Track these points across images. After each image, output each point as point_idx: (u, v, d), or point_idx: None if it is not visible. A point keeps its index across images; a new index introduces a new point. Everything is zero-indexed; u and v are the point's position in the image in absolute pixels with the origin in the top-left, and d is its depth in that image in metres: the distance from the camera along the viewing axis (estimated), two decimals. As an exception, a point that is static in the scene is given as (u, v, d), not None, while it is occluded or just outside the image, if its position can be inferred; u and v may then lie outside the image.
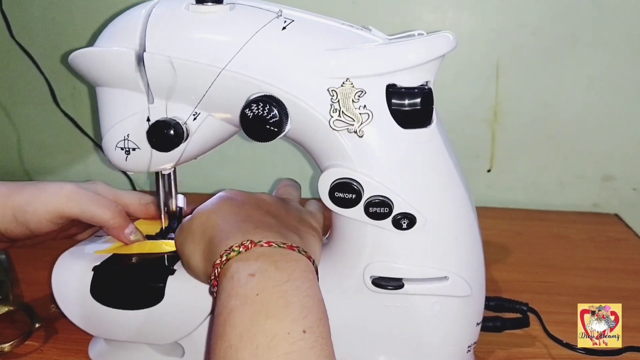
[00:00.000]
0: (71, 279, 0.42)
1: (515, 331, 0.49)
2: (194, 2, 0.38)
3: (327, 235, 0.45)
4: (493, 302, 0.50)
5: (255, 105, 0.36)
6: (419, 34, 0.38)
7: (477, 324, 0.42)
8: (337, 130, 0.37)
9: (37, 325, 0.49)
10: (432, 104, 0.37)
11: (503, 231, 0.74)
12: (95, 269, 0.42)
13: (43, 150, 0.89)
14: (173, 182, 0.45)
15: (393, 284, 0.39)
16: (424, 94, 0.37)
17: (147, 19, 0.38)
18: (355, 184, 0.37)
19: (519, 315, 0.50)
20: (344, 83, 0.36)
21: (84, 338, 0.47)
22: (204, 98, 0.38)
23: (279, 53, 0.37)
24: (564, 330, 0.50)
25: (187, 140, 0.40)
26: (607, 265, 0.65)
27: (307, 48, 0.37)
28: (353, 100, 0.36)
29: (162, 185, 0.45)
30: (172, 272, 0.41)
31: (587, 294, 0.58)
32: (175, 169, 0.44)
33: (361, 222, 0.38)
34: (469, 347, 0.42)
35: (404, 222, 0.38)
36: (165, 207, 0.46)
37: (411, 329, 0.41)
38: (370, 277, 0.40)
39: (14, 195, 0.42)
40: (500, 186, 0.84)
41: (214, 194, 0.42)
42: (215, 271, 0.33)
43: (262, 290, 0.31)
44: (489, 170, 0.83)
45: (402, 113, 0.37)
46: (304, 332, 0.29)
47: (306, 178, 0.82)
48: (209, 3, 0.37)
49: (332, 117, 0.37)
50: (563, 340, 0.48)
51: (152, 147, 0.40)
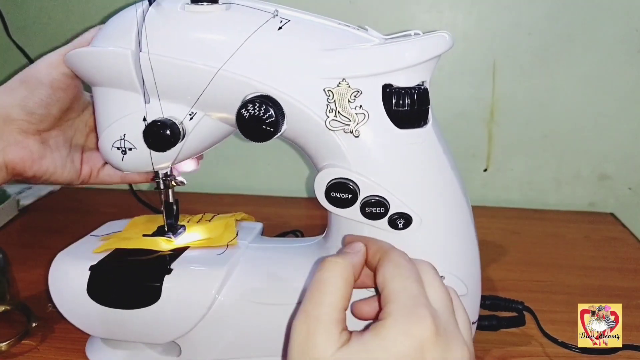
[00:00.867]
0: (68, 278, 0.42)
1: (511, 330, 0.49)
2: (189, 2, 0.38)
3: (323, 235, 0.45)
4: (489, 301, 0.50)
5: (251, 105, 0.36)
6: (415, 34, 0.38)
7: (473, 322, 0.43)
8: (333, 131, 0.37)
9: (34, 324, 0.49)
10: (428, 104, 0.37)
11: (499, 230, 0.74)
12: (92, 268, 0.42)
13: (39, 149, 0.89)
14: (170, 180, 0.45)
15: (389, 283, 0.39)
16: (420, 94, 0.37)
17: (143, 19, 0.38)
18: (351, 184, 0.38)
19: (514, 314, 0.50)
20: (340, 83, 0.36)
21: (80, 337, 0.47)
22: (200, 98, 0.38)
23: (275, 53, 0.37)
24: (560, 329, 0.50)
25: (184, 140, 0.40)
26: (603, 264, 0.65)
27: (303, 48, 0.37)
28: (349, 100, 0.36)
29: (161, 185, 0.45)
30: (169, 271, 0.41)
31: (583, 293, 0.58)
32: (172, 168, 0.44)
33: (357, 222, 0.39)
34: (464, 345, 0.42)
35: (400, 222, 0.38)
36: (165, 179, 0.45)
37: (407, 328, 0.41)
38: (367, 276, 0.40)
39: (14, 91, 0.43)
40: (496, 185, 0.84)
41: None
42: None
43: None
44: (485, 170, 0.83)
45: (398, 113, 0.37)
46: None
47: (302, 178, 0.83)
48: (205, 3, 0.37)
49: (328, 117, 0.37)
50: (559, 338, 0.49)
51: (149, 147, 0.40)
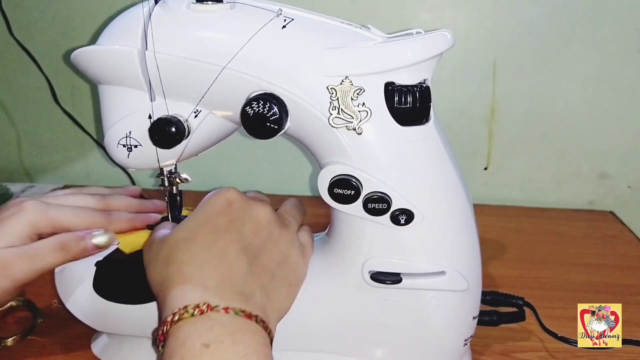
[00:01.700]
0: (74, 274, 0.43)
1: (511, 325, 0.50)
2: (194, 1, 0.38)
3: (326, 231, 0.46)
4: (489, 297, 0.51)
5: (255, 103, 0.37)
6: (417, 33, 0.39)
7: (474, 317, 0.43)
8: (336, 128, 0.37)
9: (39, 320, 0.49)
10: (430, 102, 0.38)
11: (499, 228, 0.75)
12: (97, 263, 0.42)
13: (43, 148, 0.89)
14: (174, 177, 0.46)
15: (391, 278, 0.40)
16: (422, 91, 0.37)
17: (149, 18, 0.38)
18: (354, 180, 0.38)
19: (515, 309, 0.51)
20: (342, 81, 0.37)
21: (86, 333, 0.47)
22: (205, 96, 0.39)
23: (279, 51, 0.37)
24: (560, 324, 0.50)
25: (189, 137, 0.41)
26: (602, 262, 0.66)
27: (307, 46, 0.37)
28: (352, 98, 0.37)
29: (165, 182, 0.46)
30: (174, 267, 0.42)
31: (582, 290, 0.59)
32: (176, 165, 0.45)
33: (360, 217, 0.39)
34: (465, 340, 0.43)
35: (402, 218, 0.38)
36: (169, 176, 0.46)
37: (409, 323, 0.42)
38: (369, 272, 0.40)
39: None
40: (496, 184, 0.84)
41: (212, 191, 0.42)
42: (164, 328, 0.32)
43: None
44: (485, 168, 0.84)
45: (400, 111, 0.37)
46: None
47: (305, 176, 0.83)
48: (210, 2, 0.38)
49: (331, 114, 0.37)
50: (558, 333, 0.49)
51: (154, 144, 0.40)
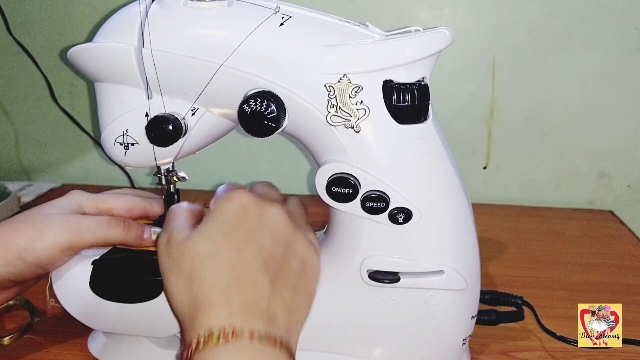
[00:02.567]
0: (70, 273, 0.42)
1: (510, 324, 0.49)
2: (192, -2, 0.38)
3: (324, 230, 0.45)
4: (488, 296, 0.51)
5: (253, 100, 0.37)
6: (415, 30, 0.38)
7: (472, 317, 0.43)
8: (334, 126, 0.37)
9: (36, 319, 0.49)
10: (428, 100, 0.38)
11: (498, 227, 0.75)
12: (94, 262, 0.42)
13: (41, 146, 0.89)
14: (172, 175, 0.45)
15: (389, 277, 0.40)
16: (420, 89, 0.37)
17: (146, 15, 0.38)
18: (352, 178, 0.38)
19: (513, 308, 0.50)
20: (340, 79, 0.37)
21: (83, 331, 0.47)
22: (202, 94, 0.39)
23: (276, 49, 0.37)
24: (558, 324, 0.50)
25: (186, 135, 0.40)
26: (602, 261, 0.66)
27: (305, 44, 0.37)
28: (350, 96, 0.37)
29: (163, 181, 0.45)
30: (171, 266, 0.41)
31: (581, 289, 0.59)
32: (173, 163, 0.45)
33: (358, 216, 0.39)
34: (464, 340, 0.43)
35: (400, 217, 0.38)
36: (167, 175, 0.46)
37: (407, 322, 0.42)
38: (367, 270, 0.40)
39: (13, 237, 0.39)
40: (495, 183, 0.84)
41: (211, 190, 0.42)
42: (188, 352, 0.32)
43: None
44: (484, 167, 0.84)
45: (399, 109, 0.37)
46: None
47: (303, 175, 0.83)
48: (207, -1, 0.38)
49: (329, 112, 0.37)
50: (557, 333, 0.49)
51: (151, 142, 0.40)
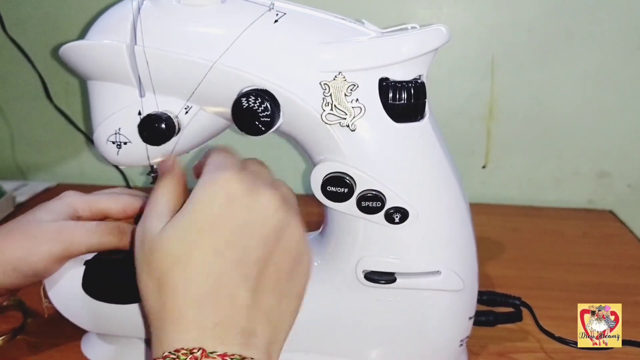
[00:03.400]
0: (63, 273, 0.42)
1: (508, 325, 0.49)
2: (185, -5, 0.37)
3: (319, 230, 0.45)
4: (486, 297, 0.50)
5: (246, 99, 0.36)
6: (412, 28, 0.38)
7: (470, 318, 0.42)
8: (330, 124, 0.37)
9: (29, 320, 0.48)
10: (425, 98, 0.37)
11: (497, 227, 0.74)
12: (86, 263, 0.42)
13: (36, 146, 0.89)
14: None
15: (385, 278, 0.39)
16: (417, 87, 0.36)
17: (138, 12, 0.38)
18: (347, 178, 0.37)
19: (511, 309, 0.50)
20: (336, 76, 0.36)
21: (76, 333, 0.46)
22: (196, 92, 0.38)
23: (270, 46, 0.37)
24: (557, 324, 0.50)
25: (179, 134, 0.40)
26: (601, 261, 0.65)
27: (299, 41, 0.37)
28: (345, 94, 0.36)
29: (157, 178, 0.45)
30: (164, 266, 0.41)
31: (581, 290, 0.58)
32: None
33: (353, 216, 0.38)
34: (461, 341, 0.42)
35: (397, 216, 0.38)
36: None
37: (403, 323, 0.41)
38: (363, 271, 0.40)
39: (8, 249, 0.39)
40: (495, 182, 0.84)
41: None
42: None
43: None
44: (483, 167, 0.83)
45: (395, 107, 0.36)
46: None
47: (298, 175, 0.82)
48: (200, -4, 0.37)
49: (324, 110, 0.36)
50: (555, 334, 0.49)
51: (144, 140, 0.39)
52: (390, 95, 0.36)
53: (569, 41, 0.75)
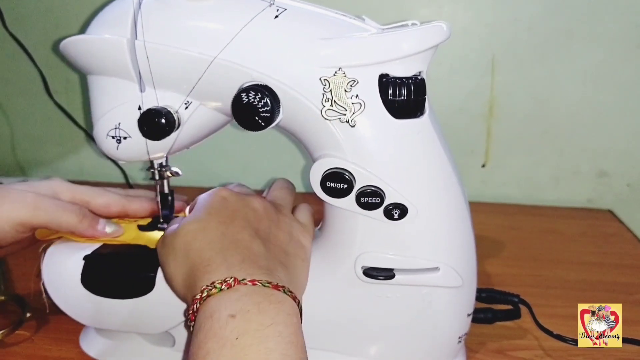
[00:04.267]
0: (62, 268, 0.42)
1: (507, 323, 0.49)
2: (186, -10, 0.37)
3: (319, 227, 0.45)
4: (484, 294, 0.50)
5: (246, 94, 0.36)
6: (412, 24, 0.38)
7: (468, 315, 0.42)
8: (329, 120, 0.37)
9: (28, 314, 0.48)
10: (425, 94, 0.37)
11: (497, 226, 0.74)
12: (86, 258, 0.41)
13: (36, 142, 0.89)
14: (165, 171, 0.45)
15: (384, 274, 0.39)
16: (417, 84, 0.36)
17: (139, 7, 0.38)
18: (347, 174, 0.37)
19: (510, 307, 0.50)
20: (336, 72, 0.36)
21: (75, 328, 0.47)
22: (196, 87, 0.38)
23: (271, 42, 0.37)
24: (556, 322, 0.50)
25: (179, 129, 0.40)
26: (600, 260, 0.65)
27: (300, 37, 0.37)
28: (345, 90, 0.36)
29: (156, 176, 0.45)
30: (163, 261, 0.41)
31: (580, 288, 0.58)
32: (167, 157, 0.44)
33: (352, 212, 0.38)
34: (459, 338, 0.42)
35: (396, 213, 0.38)
36: (159, 197, 0.46)
37: (402, 319, 0.41)
38: (362, 267, 0.40)
39: None
40: (494, 181, 0.84)
41: (207, 188, 0.41)
42: (194, 306, 0.32)
43: (242, 334, 0.29)
44: (483, 166, 0.83)
45: (395, 103, 0.36)
46: None
47: (298, 173, 0.82)
48: (201, -9, 0.37)
49: (324, 106, 0.36)
50: (554, 332, 0.49)
51: (143, 135, 0.39)
52: (390, 91, 0.36)
53: (569, 40, 0.75)
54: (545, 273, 0.61)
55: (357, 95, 0.36)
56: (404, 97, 0.36)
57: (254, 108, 0.36)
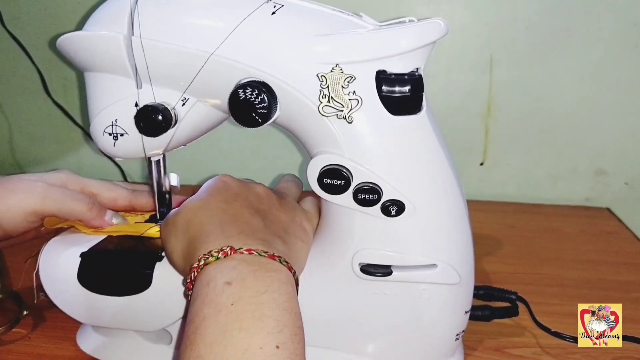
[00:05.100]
0: (59, 266, 0.42)
1: (504, 320, 0.49)
2: (182, -13, 0.37)
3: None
4: (482, 291, 0.50)
5: (243, 90, 0.36)
6: (409, 21, 0.38)
7: (466, 312, 0.42)
8: (327, 116, 0.37)
9: (25, 312, 0.48)
10: (422, 91, 0.37)
11: (495, 224, 0.74)
12: (82, 255, 0.41)
13: (34, 140, 0.89)
14: (163, 169, 0.45)
15: (381, 271, 0.39)
16: (414, 80, 0.36)
17: (136, 3, 0.37)
18: (344, 170, 0.37)
19: (508, 304, 0.50)
20: (333, 69, 0.36)
21: (72, 325, 0.47)
22: (193, 83, 0.38)
23: (268, 38, 0.37)
24: (553, 320, 0.50)
25: (176, 125, 0.40)
26: (598, 258, 0.65)
27: (297, 33, 0.37)
28: (342, 86, 0.36)
29: (154, 172, 0.45)
30: (160, 258, 0.41)
31: (578, 286, 0.58)
32: (164, 155, 0.44)
33: (350, 208, 0.38)
34: (457, 335, 0.42)
35: (393, 209, 0.38)
36: (156, 194, 0.46)
37: (399, 316, 0.41)
38: (359, 264, 0.40)
39: None
40: (492, 180, 0.84)
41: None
42: (192, 274, 0.33)
43: (238, 300, 0.30)
44: (481, 164, 0.83)
45: (392, 99, 0.36)
46: (278, 347, 0.29)
47: (296, 168, 0.82)
48: (198, -13, 0.37)
49: (321, 102, 0.36)
50: (552, 329, 0.49)
51: (140, 132, 0.39)
52: (388, 87, 0.36)
53: (567, 39, 0.75)
54: (543, 271, 0.61)
55: (354, 92, 0.36)
56: (401, 94, 0.36)
57: (251, 104, 0.36)
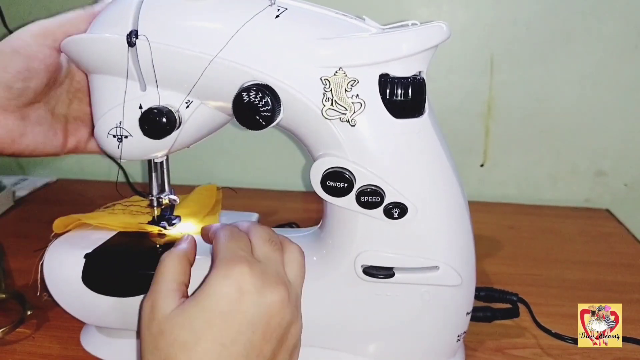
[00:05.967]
0: (63, 266, 0.42)
1: (505, 321, 0.49)
2: (187, -10, 0.38)
3: (319, 225, 0.45)
4: (483, 293, 0.51)
5: (247, 93, 0.36)
6: (412, 24, 0.38)
7: (467, 313, 0.43)
8: (330, 119, 0.37)
9: (28, 312, 0.49)
10: (425, 94, 0.37)
11: (495, 225, 0.75)
12: (87, 256, 0.42)
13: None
14: (166, 171, 0.45)
15: (384, 273, 0.40)
16: (417, 83, 0.37)
17: (140, 6, 0.38)
18: (347, 173, 0.37)
19: (509, 305, 0.50)
20: (336, 72, 0.36)
21: (75, 326, 0.47)
22: (197, 86, 0.38)
23: (271, 41, 0.37)
24: (554, 321, 0.50)
25: (180, 128, 0.40)
26: (598, 260, 0.65)
27: (300, 36, 0.37)
28: (345, 90, 0.36)
29: (155, 174, 0.45)
30: (164, 259, 0.41)
31: (578, 287, 0.59)
32: (167, 157, 0.44)
33: (353, 211, 0.39)
34: (458, 336, 0.43)
35: (395, 212, 0.38)
36: (158, 196, 0.46)
37: (401, 318, 0.41)
38: (362, 266, 0.40)
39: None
40: (492, 181, 0.84)
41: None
42: None
43: None
44: (481, 165, 0.83)
45: (395, 103, 0.37)
46: None
47: (298, 171, 0.83)
48: (202, -10, 0.37)
49: (324, 106, 0.37)
50: (552, 330, 0.49)
51: (144, 134, 0.39)
52: (390, 91, 0.36)
53: (568, 40, 0.75)
54: (544, 272, 0.62)
55: (357, 95, 0.36)
56: (404, 97, 0.37)
57: (255, 107, 0.36)
